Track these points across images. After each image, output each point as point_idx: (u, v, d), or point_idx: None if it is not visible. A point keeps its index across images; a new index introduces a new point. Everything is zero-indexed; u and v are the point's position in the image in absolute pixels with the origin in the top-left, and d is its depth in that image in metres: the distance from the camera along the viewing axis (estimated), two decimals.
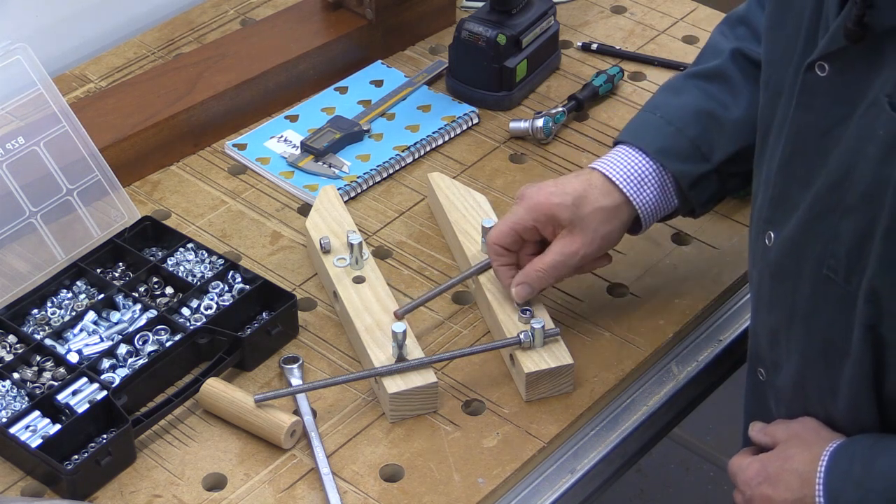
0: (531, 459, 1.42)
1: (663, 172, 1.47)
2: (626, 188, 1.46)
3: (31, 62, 1.57)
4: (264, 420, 1.41)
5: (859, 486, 1.23)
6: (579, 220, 1.45)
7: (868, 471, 1.23)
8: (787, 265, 1.28)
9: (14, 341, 1.50)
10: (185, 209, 1.70)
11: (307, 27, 1.89)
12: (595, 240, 1.46)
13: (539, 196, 1.47)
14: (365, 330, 1.49)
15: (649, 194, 1.47)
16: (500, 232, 1.48)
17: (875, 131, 1.16)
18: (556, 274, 1.47)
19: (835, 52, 1.20)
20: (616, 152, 1.49)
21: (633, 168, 1.47)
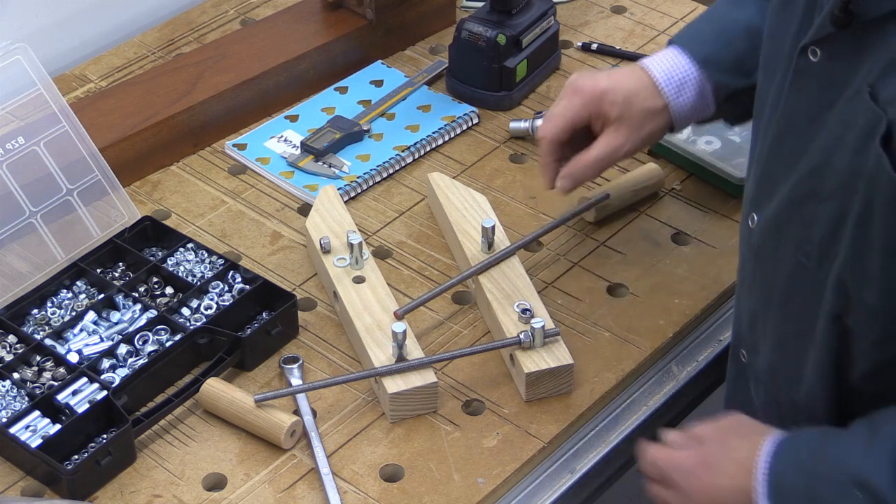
0: (531, 459, 1.42)
1: (705, 80, 1.49)
2: (666, 90, 1.49)
3: (31, 62, 1.57)
4: (264, 420, 1.41)
5: (806, 472, 1.22)
6: (627, 117, 1.48)
7: (816, 458, 1.22)
8: (766, 248, 1.29)
9: (14, 341, 1.50)
10: (185, 209, 1.70)
11: (307, 27, 1.89)
12: (639, 137, 1.49)
13: (595, 89, 1.48)
14: (365, 330, 1.49)
15: (687, 99, 1.49)
16: (558, 127, 1.50)
17: (855, 120, 1.16)
18: (601, 167, 1.50)
19: (825, 37, 1.20)
20: (667, 53, 1.51)
21: (677, 71, 1.49)
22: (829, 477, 1.20)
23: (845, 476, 1.18)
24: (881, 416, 1.22)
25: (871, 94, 1.14)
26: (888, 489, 1.16)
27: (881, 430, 1.20)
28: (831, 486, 1.19)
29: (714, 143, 1.72)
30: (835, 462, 1.20)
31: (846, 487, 1.18)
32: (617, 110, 1.48)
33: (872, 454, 1.18)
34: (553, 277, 1.61)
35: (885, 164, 1.13)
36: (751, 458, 1.25)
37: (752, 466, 1.25)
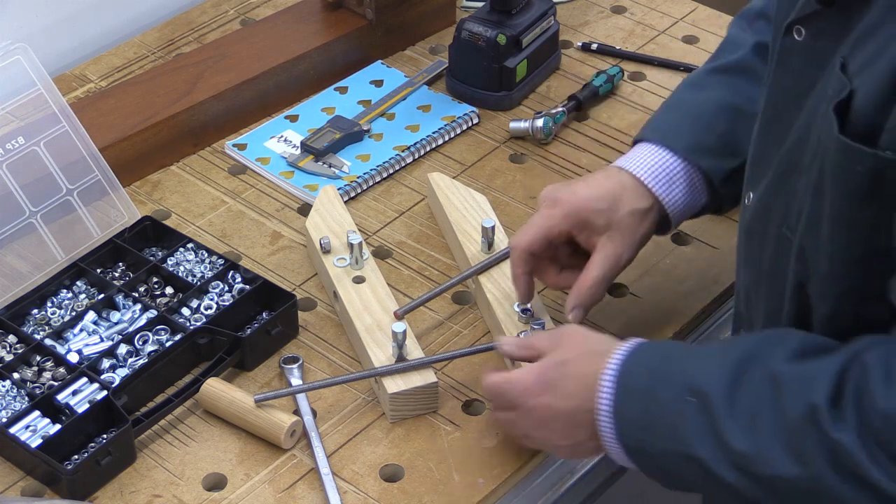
0: (531, 459, 1.42)
1: (692, 170, 1.45)
2: (656, 189, 1.44)
3: (31, 62, 1.57)
4: (264, 420, 1.41)
5: (653, 375, 1.24)
6: (617, 224, 1.42)
7: (665, 364, 1.25)
8: (757, 224, 1.30)
9: (14, 341, 1.50)
10: (185, 209, 1.70)
11: (307, 27, 1.89)
12: (635, 242, 1.44)
13: (575, 200, 1.42)
14: (365, 330, 1.49)
15: (679, 193, 1.45)
16: (533, 237, 1.43)
17: (828, 92, 1.17)
18: (606, 285, 1.44)
19: (809, 15, 1.21)
20: (642, 151, 1.46)
21: (662, 167, 1.44)
22: (671, 381, 1.23)
23: (684, 381, 1.22)
24: (734, 336, 1.27)
25: (843, 66, 1.15)
26: (717, 397, 1.19)
27: (729, 344, 1.24)
28: (670, 389, 1.22)
29: None
30: (680, 369, 1.23)
31: (682, 391, 1.21)
32: (603, 219, 1.42)
33: (713, 364, 1.21)
34: None
35: (833, 125, 1.14)
36: (591, 373, 1.27)
37: (594, 382, 1.27)
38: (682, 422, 1.20)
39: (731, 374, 1.20)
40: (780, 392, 1.17)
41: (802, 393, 1.15)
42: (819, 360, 1.17)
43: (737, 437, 1.17)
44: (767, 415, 1.17)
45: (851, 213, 1.16)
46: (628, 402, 1.25)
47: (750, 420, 1.17)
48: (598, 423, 1.27)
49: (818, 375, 1.16)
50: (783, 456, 1.16)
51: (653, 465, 1.26)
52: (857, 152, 1.12)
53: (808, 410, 1.14)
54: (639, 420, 1.24)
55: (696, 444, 1.20)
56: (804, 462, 1.14)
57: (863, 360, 1.15)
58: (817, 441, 1.14)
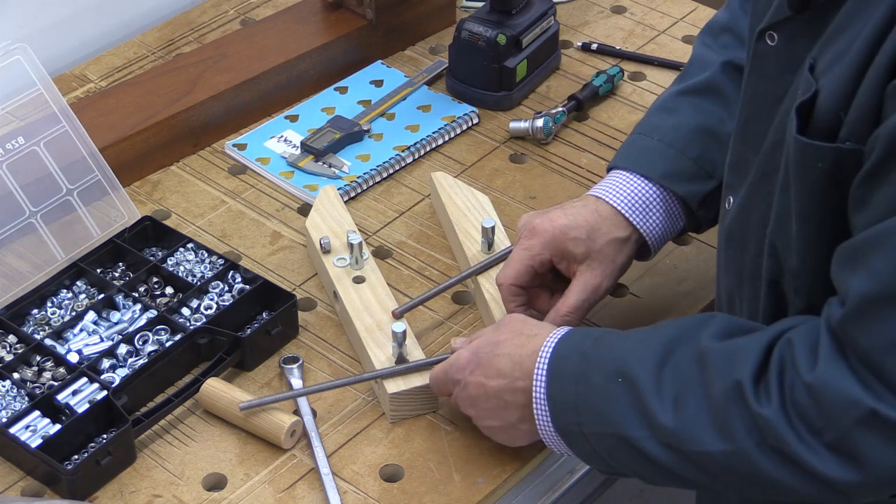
0: (531, 459, 1.42)
1: (668, 196, 1.46)
2: (633, 218, 1.44)
3: (31, 62, 1.57)
4: (264, 420, 1.41)
5: (584, 358, 1.27)
6: (595, 253, 1.43)
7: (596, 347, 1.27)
8: (737, 228, 1.31)
9: (14, 341, 1.50)
10: (185, 209, 1.70)
11: (307, 27, 1.89)
12: (614, 271, 1.44)
13: (554, 229, 1.43)
14: (365, 330, 1.49)
15: (656, 220, 1.46)
16: (517, 272, 1.44)
17: (797, 94, 1.18)
18: (584, 313, 1.44)
19: (782, 21, 1.22)
20: (616, 179, 1.46)
21: (638, 195, 1.45)
22: (601, 365, 1.25)
23: (613, 364, 1.24)
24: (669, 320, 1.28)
25: (811, 67, 1.17)
26: (645, 376, 1.21)
27: (658, 326, 1.26)
28: (600, 372, 1.25)
29: None
30: (609, 352, 1.26)
31: (611, 374, 1.24)
32: (581, 248, 1.42)
33: (641, 347, 1.24)
34: None
35: (793, 125, 1.16)
36: (523, 354, 1.30)
37: (524, 362, 1.30)
38: (613, 403, 1.23)
39: (658, 354, 1.22)
40: (706, 369, 1.19)
41: (727, 369, 1.18)
42: (744, 338, 1.20)
43: (664, 415, 1.20)
44: (693, 391, 1.19)
45: (815, 208, 1.18)
46: (561, 387, 1.27)
47: (676, 397, 1.20)
48: (534, 409, 1.29)
49: (743, 352, 1.18)
50: (709, 432, 1.18)
51: (588, 449, 1.28)
52: (816, 149, 1.15)
53: (732, 386, 1.16)
54: (573, 403, 1.26)
55: (626, 424, 1.22)
56: (729, 437, 1.17)
57: (788, 337, 1.17)
58: (741, 416, 1.16)
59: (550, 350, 1.29)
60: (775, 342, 1.18)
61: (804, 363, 1.14)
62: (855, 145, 1.13)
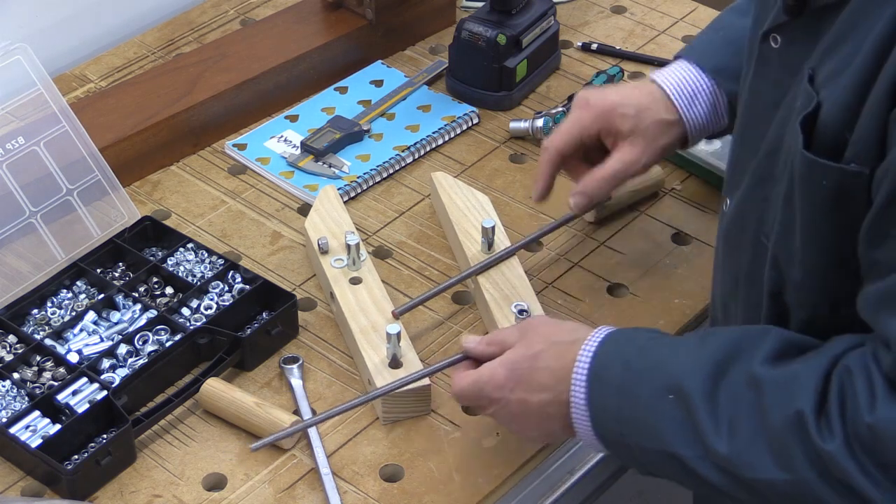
0: (531, 459, 1.42)
1: (717, 90, 1.48)
2: (678, 103, 1.47)
3: (31, 62, 1.57)
4: (264, 420, 1.41)
5: (628, 368, 1.24)
6: (640, 130, 1.46)
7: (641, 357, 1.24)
8: (733, 231, 1.31)
9: (14, 341, 1.50)
10: (185, 209, 1.70)
11: (307, 27, 1.89)
12: (655, 150, 1.47)
13: (605, 103, 1.47)
14: (360, 331, 1.49)
15: (700, 110, 1.47)
16: (565, 139, 1.48)
17: (795, 103, 1.18)
18: (616, 182, 1.48)
19: (782, 24, 1.22)
20: (676, 66, 1.50)
21: (688, 83, 1.47)
22: (647, 377, 1.22)
23: (662, 378, 1.21)
24: (713, 329, 1.26)
25: (810, 77, 1.16)
26: (697, 395, 1.18)
27: (707, 340, 1.23)
28: (646, 385, 1.22)
29: (714, 142, 1.72)
30: (657, 364, 1.23)
31: (659, 389, 1.21)
32: (629, 124, 1.46)
33: (692, 360, 1.21)
34: (553, 277, 1.61)
35: (798, 140, 1.15)
36: (562, 367, 1.27)
37: (566, 374, 1.27)
38: (661, 420, 1.21)
39: (710, 372, 1.19)
40: (762, 396, 1.17)
41: (785, 398, 1.15)
42: (800, 364, 1.17)
43: (718, 440, 1.18)
44: (749, 417, 1.17)
45: (820, 223, 1.17)
46: (603, 396, 1.25)
47: (731, 422, 1.17)
48: (573, 413, 1.27)
49: (801, 380, 1.15)
50: (767, 460, 1.16)
51: (629, 456, 1.26)
52: (822, 167, 1.14)
53: (792, 417, 1.14)
54: (615, 414, 1.24)
55: (677, 444, 1.20)
56: (789, 467, 1.15)
57: (846, 366, 1.15)
58: (802, 447, 1.14)
59: (591, 355, 1.26)
60: (832, 368, 1.15)
61: (864, 400, 1.12)
62: (859, 168, 1.12)
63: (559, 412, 1.28)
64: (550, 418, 1.29)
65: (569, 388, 1.27)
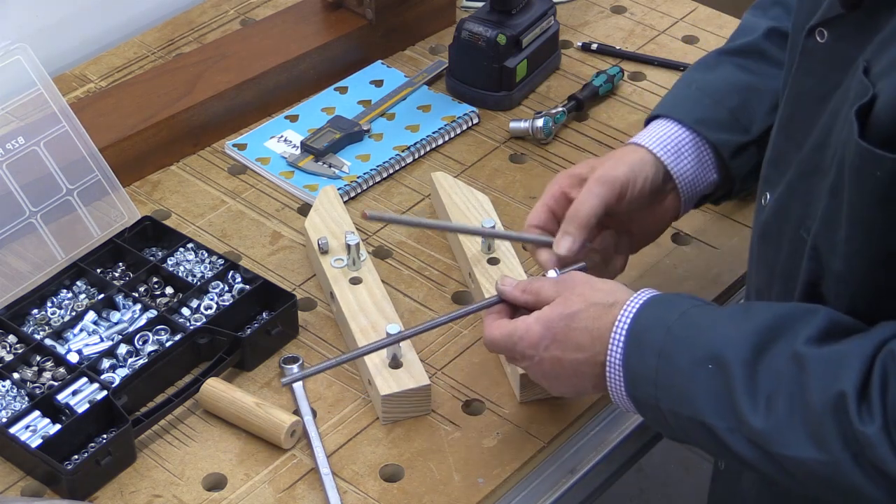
0: (531, 459, 1.42)
1: (701, 143, 1.45)
2: (664, 157, 1.44)
3: (31, 62, 1.57)
4: (264, 420, 1.41)
5: (669, 333, 1.23)
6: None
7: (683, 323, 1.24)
8: (773, 225, 1.30)
9: (14, 341, 1.50)
10: (185, 209, 1.70)
11: (307, 27, 1.89)
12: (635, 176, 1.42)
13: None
14: (360, 331, 1.49)
15: (687, 164, 1.45)
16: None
17: (850, 95, 1.17)
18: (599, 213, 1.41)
19: (832, 18, 1.21)
20: (652, 126, 1.47)
21: (670, 138, 1.45)
22: (688, 344, 1.22)
23: (703, 347, 1.21)
24: (759, 303, 1.26)
25: (865, 69, 1.15)
26: (737, 367, 1.18)
27: (752, 312, 1.22)
28: (687, 352, 1.22)
29: None
30: (699, 331, 1.23)
31: (700, 359, 1.21)
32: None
33: (735, 331, 1.20)
34: None
35: (854, 129, 1.14)
36: (600, 327, 1.27)
37: (603, 335, 1.27)
38: (698, 388, 1.20)
39: (753, 345, 1.19)
40: (804, 374, 1.16)
41: (828, 378, 1.15)
42: (845, 345, 1.17)
43: (754, 413, 1.17)
44: (789, 395, 1.16)
45: (870, 215, 1.16)
46: (642, 358, 1.24)
47: (769, 397, 1.17)
48: (608, 373, 1.27)
49: (845, 361, 1.15)
50: (802, 438, 1.15)
51: (661, 421, 1.26)
52: (877, 157, 1.13)
53: (835, 397, 1.14)
54: (652, 378, 1.24)
55: (711, 414, 1.19)
56: (824, 447, 1.14)
57: (891, 349, 1.14)
58: (839, 428, 1.13)
59: (630, 317, 1.26)
60: (878, 352, 1.15)
61: None
62: None
63: (593, 371, 1.28)
64: (583, 376, 1.29)
65: (605, 350, 1.27)
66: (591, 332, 1.28)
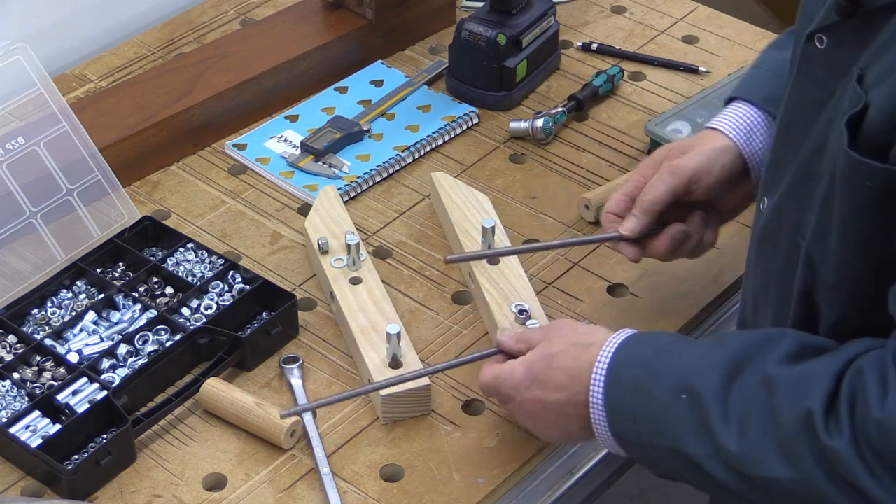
0: (531, 459, 1.42)
1: (771, 121, 1.47)
2: (736, 137, 1.46)
3: (31, 62, 1.57)
4: (264, 420, 1.41)
5: (645, 369, 1.25)
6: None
7: (658, 358, 1.25)
8: (770, 230, 1.30)
9: (14, 341, 1.50)
10: (185, 209, 1.70)
11: (307, 27, 1.89)
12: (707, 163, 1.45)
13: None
14: (360, 331, 1.49)
15: (759, 143, 1.47)
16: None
17: (843, 103, 1.17)
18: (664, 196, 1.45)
19: (830, 25, 1.21)
20: (726, 109, 1.50)
21: (741, 119, 1.47)
22: (663, 377, 1.24)
23: (676, 378, 1.22)
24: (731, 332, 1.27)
25: (859, 78, 1.16)
26: (709, 395, 1.19)
27: (723, 342, 1.24)
28: (661, 384, 1.23)
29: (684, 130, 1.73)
30: (672, 365, 1.24)
31: (674, 388, 1.22)
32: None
33: (706, 361, 1.22)
34: (553, 277, 1.61)
35: (843, 139, 1.14)
36: (578, 366, 1.29)
37: (582, 374, 1.28)
38: (674, 419, 1.22)
39: (724, 373, 1.20)
40: (774, 395, 1.17)
41: (797, 397, 1.16)
42: (814, 364, 1.17)
43: (728, 438, 1.18)
44: (760, 416, 1.17)
45: (860, 224, 1.16)
46: (620, 395, 1.26)
47: (742, 420, 1.18)
48: (591, 414, 1.28)
49: (813, 380, 1.16)
50: (776, 459, 1.16)
51: (645, 457, 1.27)
52: (866, 167, 1.13)
53: (803, 415, 1.14)
54: (631, 413, 1.25)
55: (688, 442, 1.21)
56: (797, 466, 1.15)
57: (859, 366, 1.15)
58: (810, 446, 1.14)
59: (609, 356, 1.28)
60: (846, 369, 1.16)
61: (874, 397, 1.12)
62: None
63: (577, 412, 1.30)
64: (568, 418, 1.31)
65: (586, 389, 1.28)
66: (570, 371, 1.30)
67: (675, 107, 1.80)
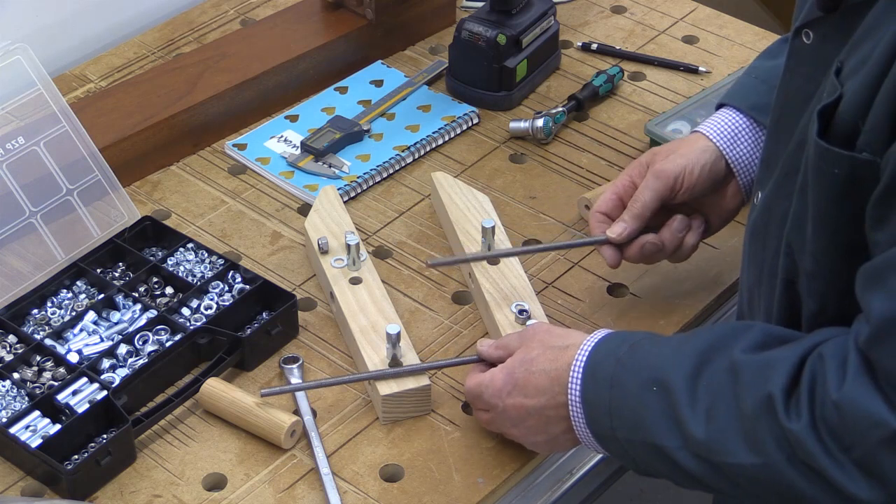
0: (531, 459, 1.42)
1: (758, 129, 1.49)
2: (719, 142, 1.48)
3: (31, 62, 1.57)
4: (264, 420, 1.41)
5: (619, 363, 1.27)
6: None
7: (632, 353, 1.27)
8: (760, 224, 1.32)
9: (14, 341, 1.50)
10: (185, 209, 1.70)
11: (307, 27, 1.89)
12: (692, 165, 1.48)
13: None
14: (360, 331, 1.49)
15: (743, 149, 1.49)
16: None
17: (823, 96, 1.19)
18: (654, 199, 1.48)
19: (815, 20, 1.23)
20: (714, 115, 1.52)
21: (726, 124, 1.49)
22: (636, 371, 1.26)
23: (648, 372, 1.25)
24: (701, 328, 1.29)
25: (838, 70, 1.18)
26: (679, 385, 1.21)
27: (693, 335, 1.26)
28: (634, 378, 1.25)
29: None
30: (645, 358, 1.26)
31: (645, 381, 1.24)
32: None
33: (676, 353, 1.24)
34: (553, 277, 1.61)
35: (814, 128, 1.17)
36: (557, 368, 1.31)
37: (561, 376, 1.30)
38: (645, 411, 1.23)
39: (692, 364, 1.22)
40: (738, 381, 1.19)
41: (759, 382, 1.18)
42: (778, 351, 1.20)
43: (696, 426, 1.20)
44: (725, 403, 1.19)
45: (831, 212, 1.18)
46: (596, 390, 1.28)
47: (709, 409, 1.20)
48: (570, 413, 1.30)
49: (776, 365, 1.18)
50: (739, 444, 1.18)
51: (622, 452, 1.28)
52: (834, 155, 1.15)
53: (764, 399, 1.16)
54: (606, 408, 1.27)
55: (659, 433, 1.22)
56: (759, 451, 1.17)
57: (820, 352, 1.17)
58: (771, 430, 1.16)
59: (586, 354, 1.30)
60: (808, 355, 1.18)
61: (833, 380, 1.14)
62: (871, 157, 1.13)
63: (558, 414, 1.31)
64: (550, 421, 1.32)
65: (565, 390, 1.30)
66: (548, 374, 1.32)
67: (675, 107, 1.80)
